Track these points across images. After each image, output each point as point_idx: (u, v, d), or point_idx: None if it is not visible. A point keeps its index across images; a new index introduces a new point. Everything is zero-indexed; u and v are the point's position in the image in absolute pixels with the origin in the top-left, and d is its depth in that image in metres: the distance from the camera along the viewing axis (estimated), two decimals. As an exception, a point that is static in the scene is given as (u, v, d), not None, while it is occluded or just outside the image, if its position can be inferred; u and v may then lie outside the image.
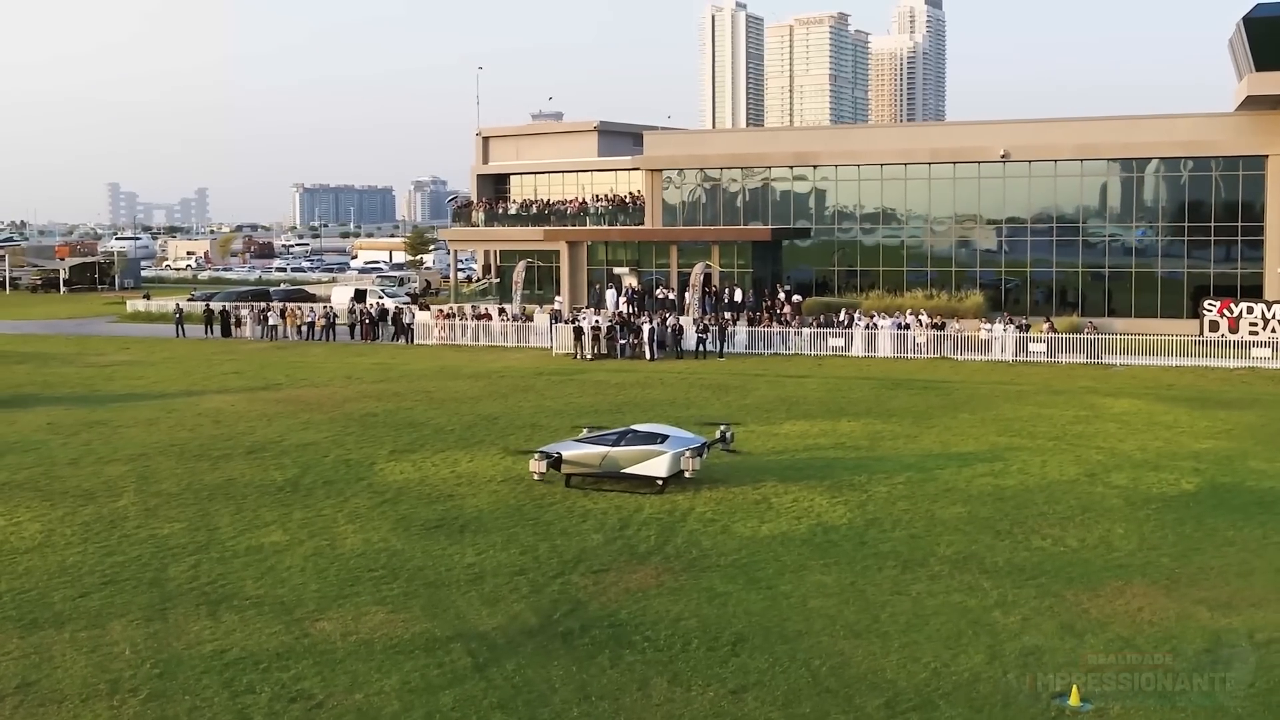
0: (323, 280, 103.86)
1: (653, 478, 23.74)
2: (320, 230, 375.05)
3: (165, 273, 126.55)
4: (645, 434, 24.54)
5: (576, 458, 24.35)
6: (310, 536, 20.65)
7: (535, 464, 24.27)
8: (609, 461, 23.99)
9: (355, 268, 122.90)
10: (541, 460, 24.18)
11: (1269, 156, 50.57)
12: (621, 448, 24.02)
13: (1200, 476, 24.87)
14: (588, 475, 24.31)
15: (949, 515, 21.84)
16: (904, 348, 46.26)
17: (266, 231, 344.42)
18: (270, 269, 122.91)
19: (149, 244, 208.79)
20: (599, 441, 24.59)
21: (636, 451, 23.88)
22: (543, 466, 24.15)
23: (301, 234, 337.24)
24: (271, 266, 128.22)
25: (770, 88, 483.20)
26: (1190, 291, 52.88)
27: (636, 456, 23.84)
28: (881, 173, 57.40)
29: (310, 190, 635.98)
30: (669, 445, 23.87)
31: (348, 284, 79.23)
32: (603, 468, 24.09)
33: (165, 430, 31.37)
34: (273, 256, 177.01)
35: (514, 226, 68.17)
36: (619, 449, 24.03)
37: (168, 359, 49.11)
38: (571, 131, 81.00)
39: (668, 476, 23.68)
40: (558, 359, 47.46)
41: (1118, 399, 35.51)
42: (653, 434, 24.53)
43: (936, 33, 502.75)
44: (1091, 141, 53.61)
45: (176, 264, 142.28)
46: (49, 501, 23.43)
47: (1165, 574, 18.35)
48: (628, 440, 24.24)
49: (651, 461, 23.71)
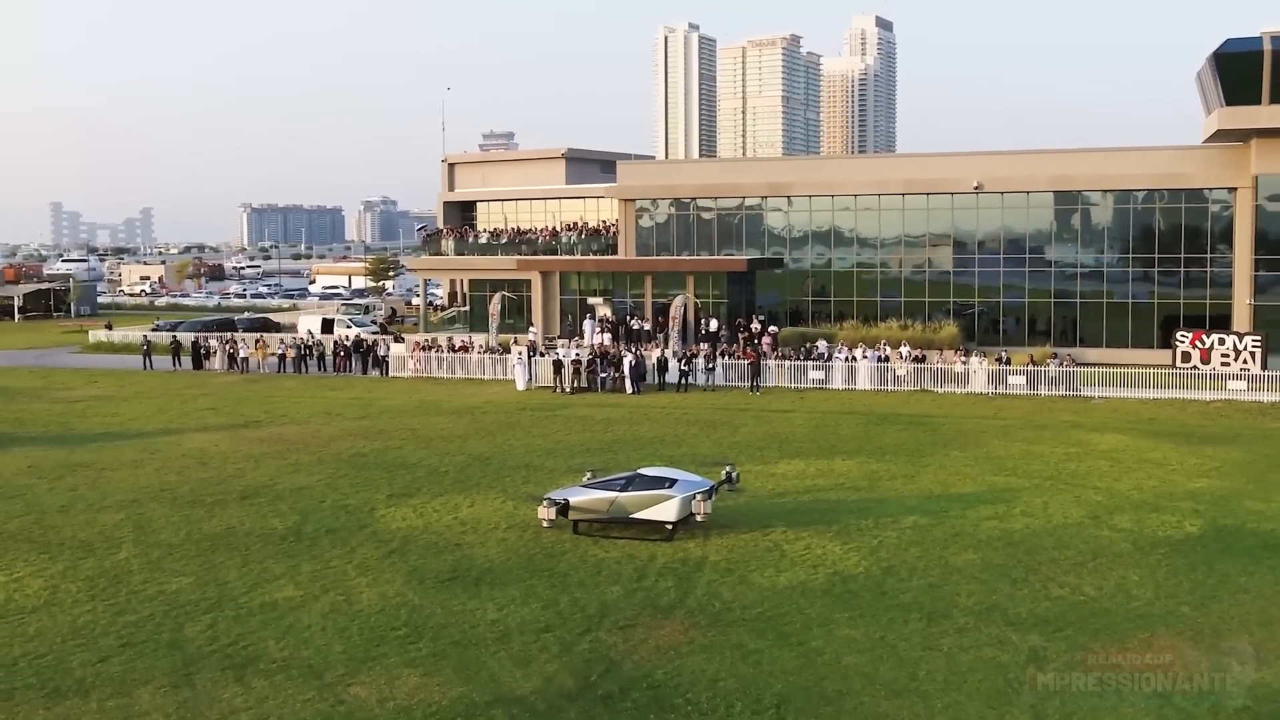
0: (284, 307, 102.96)
1: (662, 522, 23.61)
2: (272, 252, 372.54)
3: (121, 298, 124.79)
4: (653, 478, 24.39)
5: (584, 504, 24.16)
6: (324, 591, 20.32)
7: (544, 511, 24.08)
8: (617, 507, 23.83)
9: (314, 293, 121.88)
10: (550, 508, 23.99)
11: (1237, 189, 51.39)
12: (630, 493, 23.86)
13: (1201, 518, 25.09)
14: (596, 521, 24.13)
15: (962, 562, 21.86)
16: (884, 380, 46.42)
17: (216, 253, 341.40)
18: (229, 295, 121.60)
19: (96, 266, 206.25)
20: (606, 487, 24.41)
21: (645, 496, 23.73)
22: (551, 513, 23.97)
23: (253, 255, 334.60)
24: (229, 292, 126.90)
25: (723, 109, 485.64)
26: (1160, 321, 53.57)
27: (645, 501, 23.69)
28: (855, 203, 57.74)
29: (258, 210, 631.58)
30: (677, 489, 23.73)
31: (314, 313, 78.44)
32: (611, 513, 23.92)
33: (152, 474, 30.83)
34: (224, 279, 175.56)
35: (485, 255, 67.87)
36: (627, 494, 23.87)
37: (139, 394, 48.34)
38: (539, 159, 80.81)
39: (677, 521, 23.55)
40: (536, 393, 47.20)
41: (1103, 434, 35.80)
42: (661, 478, 24.39)
43: (887, 55, 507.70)
44: (1064, 173, 54.25)
45: (131, 289, 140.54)
46: (46, 554, 22.92)
47: (1188, 624, 18.45)
48: (635, 485, 24.09)
49: (661, 506, 23.57)
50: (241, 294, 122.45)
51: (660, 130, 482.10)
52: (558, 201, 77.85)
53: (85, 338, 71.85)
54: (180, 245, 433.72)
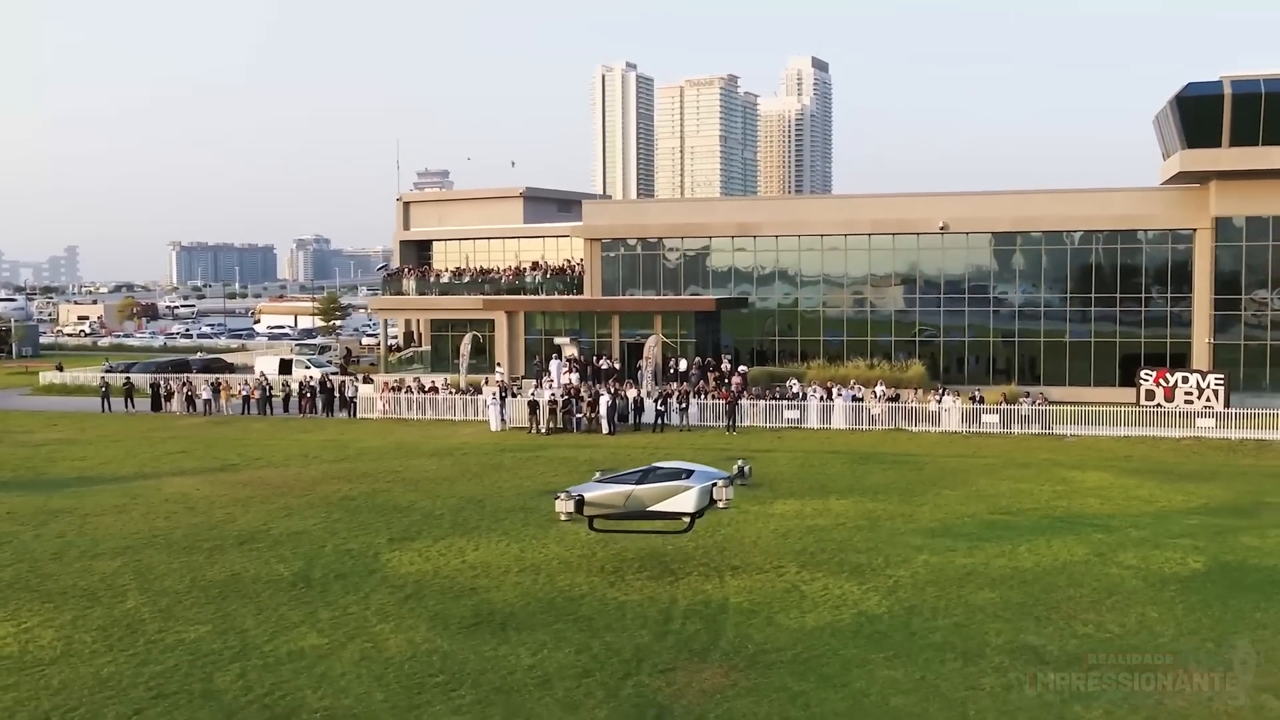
0: (233, 348, 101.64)
1: (680, 514, 23.55)
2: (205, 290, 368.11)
3: (61, 339, 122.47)
4: (670, 470, 24.38)
5: (600, 499, 24.01)
6: (349, 638, 19.98)
7: (562, 504, 23.95)
8: (634, 500, 23.69)
9: (261, 333, 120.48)
10: (568, 500, 23.86)
11: (1197, 230, 52.59)
12: (646, 486, 23.76)
13: (1204, 555, 25.47)
14: (612, 516, 24.00)
15: (982, 601, 21.99)
16: (859, 419, 46.74)
17: (147, 292, 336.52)
18: (174, 335, 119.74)
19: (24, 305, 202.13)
20: (621, 481, 24.31)
21: (662, 488, 23.62)
22: (570, 506, 23.83)
23: (186, 295, 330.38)
24: (173, 332, 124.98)
25: (661, 148, 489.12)
26: (1121, 360, 54.54)
27: (662, 493, 23.57)
28: (822, 243, 58.35)
29: (188, 248, 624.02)
30: (695, 480, 23.71)
31: (271, 354, 77.50)
32: (627, 507, 23.79)
33: (140, 519, 30.20)
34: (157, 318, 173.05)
35: (448, 295, 67.62)
36: (644, 487, 23.75)
37: (103, 437, 47.42)
38: (496, 198, 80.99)
39: (695, 512, 23.53)
40: (512, 433, 46.94)
41: (1085, 472, 36.29)
42: (677, 470, 24.39)
43: (823, 95, 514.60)
44: (1028, 214, 55.28)
45: (69, 329, 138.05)
46: (50, 603, 22.33)
47: (1220, 661, 18.66)
48: (652, 478, 24.02)
49: (679, 497, 23.47)
50: (187, 334, 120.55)
51: (598, 169, 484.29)
52: (516, 240, 77.93)
53: (35, 379, 70.39)
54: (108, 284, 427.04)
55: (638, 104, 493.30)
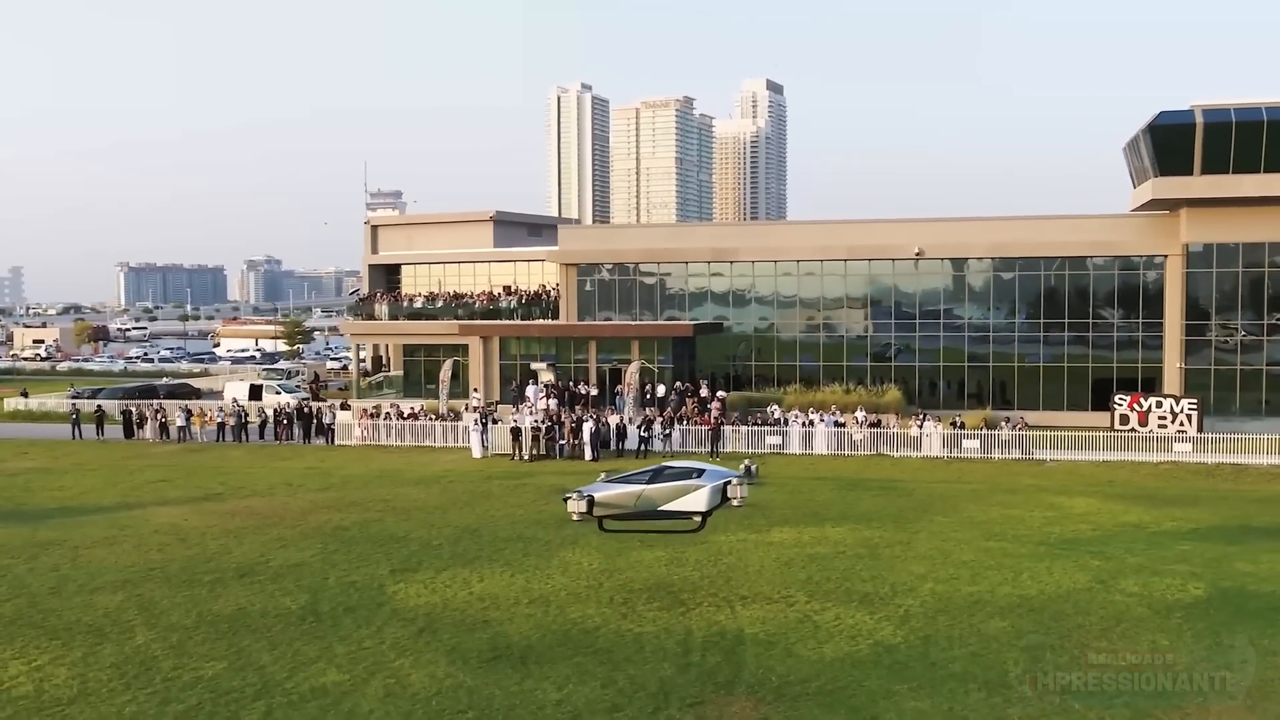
0: (195, 372, 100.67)
1: (691, 513, 23.59)
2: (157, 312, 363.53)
3: (19, 364, 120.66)
4: (680, 470, 24.48)
5: (610, 499, 24.00)
6: (370, 674, 19.84)
7: (575, 504, 23.96)
8: (645, 500, 23.71)
9: (223, 357, 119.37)
10: (580, 500, 23.86)
11: (1168, 257, 53.45)
12: (657, 485, 23.79)
13: (1202, 581, 25.82)
14: (622, 516, 24.01)
15: (996, 630, 22.18)
16: (841, 445, 47.01)
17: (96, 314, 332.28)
18: (134, 359, 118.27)
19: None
20: (632, 481, 24.33)
21: (673, 488, 23.64)
22: (582, 506, 23.84)
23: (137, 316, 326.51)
24: (133, 356, 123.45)
25: (617, 170, 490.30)
26: (1093, 384, 55.24)
27: (673, 493, 23.59)
28: (798, 268, 58.75)
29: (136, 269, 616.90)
30: (705, 479, 23.77)
31: (241, 379, 76.83)
32: (638, 507, 23.81)
33: (132, 552, 29.82)
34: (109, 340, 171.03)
35: (423, 320, 67.37)
36: (654, 487, 23.76)
37: (79, 465, 46.85)
38: (466, 221, 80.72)
39: (707, 511, 23.59)
40: (494, 460, 46.83)
41: (1071, 497, 36.73)
42: (688, 469, 24.46)
43: (778, 118, 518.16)
44: (1002, 240, 55.95)
45: (25, 353, 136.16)
46: (57, 640, 22.01)
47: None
48: (663, 477, 24.06)
49: (690, 496, 23.51)
50: (147, 358, 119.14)
51: (553, 190, 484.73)
52: (487, 265, 77.77)
53: (1, 406, 69.36)
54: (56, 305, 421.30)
55: (593, 125, 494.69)
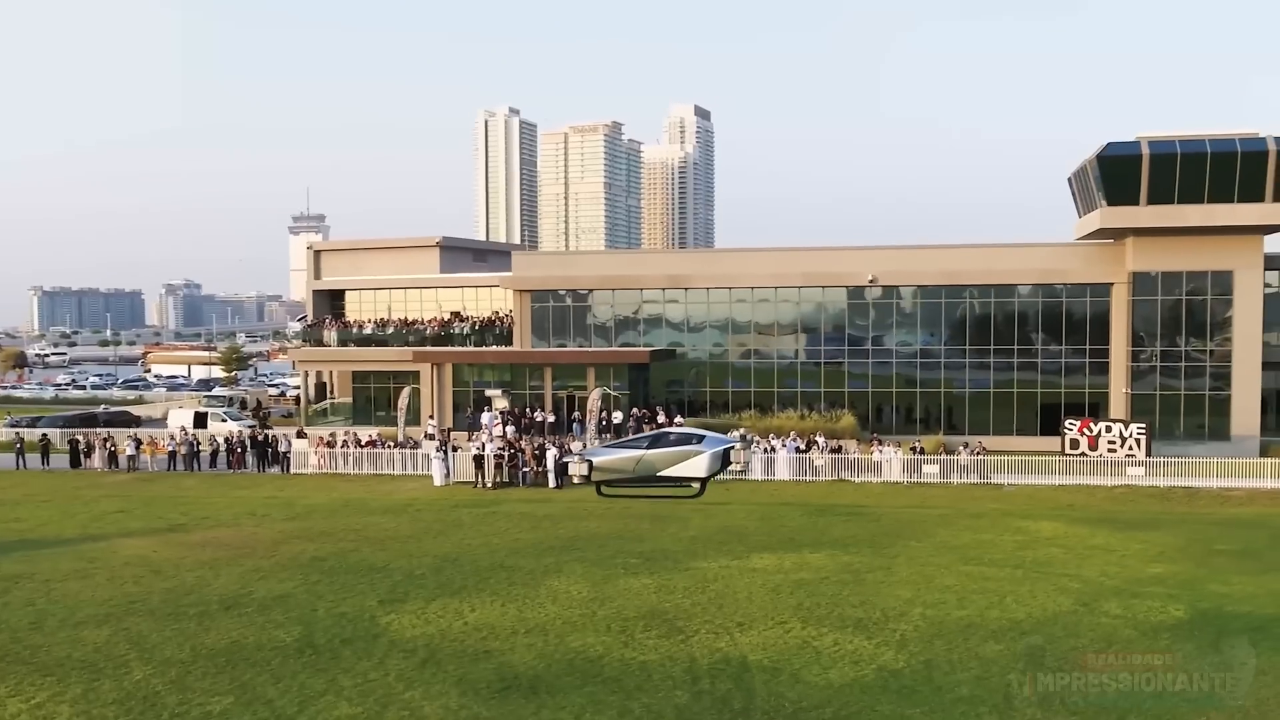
0: (129, 399, 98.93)
1: (690, 479, 23.80)
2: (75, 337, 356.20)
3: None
4: (681, 435, 24.57)
5: (609, 464, 24.02)
6: (382, 707, 19.71)
7: (575, 467, 23.99)
8: (644, 465, 23.77)
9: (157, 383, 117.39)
10: (582, 463, 23.93)
11: (1114, 284, 54.78)
12: (657, 450, 23.93)
13: (1181, 603, 26.47)
14: (621, 481, 24.14)
15: (992, 653, 22.58)
16: (802, 471, 47.46)
17: (11, 339, 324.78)
18: (64, 386, 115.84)
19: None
20: (631, 446, 24.46)
21: (673, 453, 23.72)
22: (584, 469, 23.88)
23: (55, 342, 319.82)
24: (62, 383, 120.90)
25: (545, 194, 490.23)
26: (1041, 409, 56.35)
27: (674, 458, 23.68)
28: (752, 295, 59.33)
29: (50, 293, 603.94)
30: (705, 445, 23.98)
31: (185, 406, 75.68)
32: (638, 472, 23.91)
33: (107, 585, 29.29)
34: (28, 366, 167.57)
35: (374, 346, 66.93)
36: (654, 451, 23.85)
37: (30, 496, 45.87)
38: (412, 247, 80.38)
39: (706, 477, 23.82)
40: (457, 488, 46.60)
41: (1037, 521, 37.42)
42: (688, 435, 24.60)
43: (706, 144, 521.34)
44: (954, 268, 56.99)
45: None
46: (51, 676, 21.56)
47: (1235, 708, 19.47)
48: (662, 443, 24.23)
49: (690, 462, 23.61)
50: (79, 385, 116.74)
51: (481, 214, 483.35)
52: (434, 290, 77.42)
53: (-67, 435, 67.60)
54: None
55: (521, 149, 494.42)
